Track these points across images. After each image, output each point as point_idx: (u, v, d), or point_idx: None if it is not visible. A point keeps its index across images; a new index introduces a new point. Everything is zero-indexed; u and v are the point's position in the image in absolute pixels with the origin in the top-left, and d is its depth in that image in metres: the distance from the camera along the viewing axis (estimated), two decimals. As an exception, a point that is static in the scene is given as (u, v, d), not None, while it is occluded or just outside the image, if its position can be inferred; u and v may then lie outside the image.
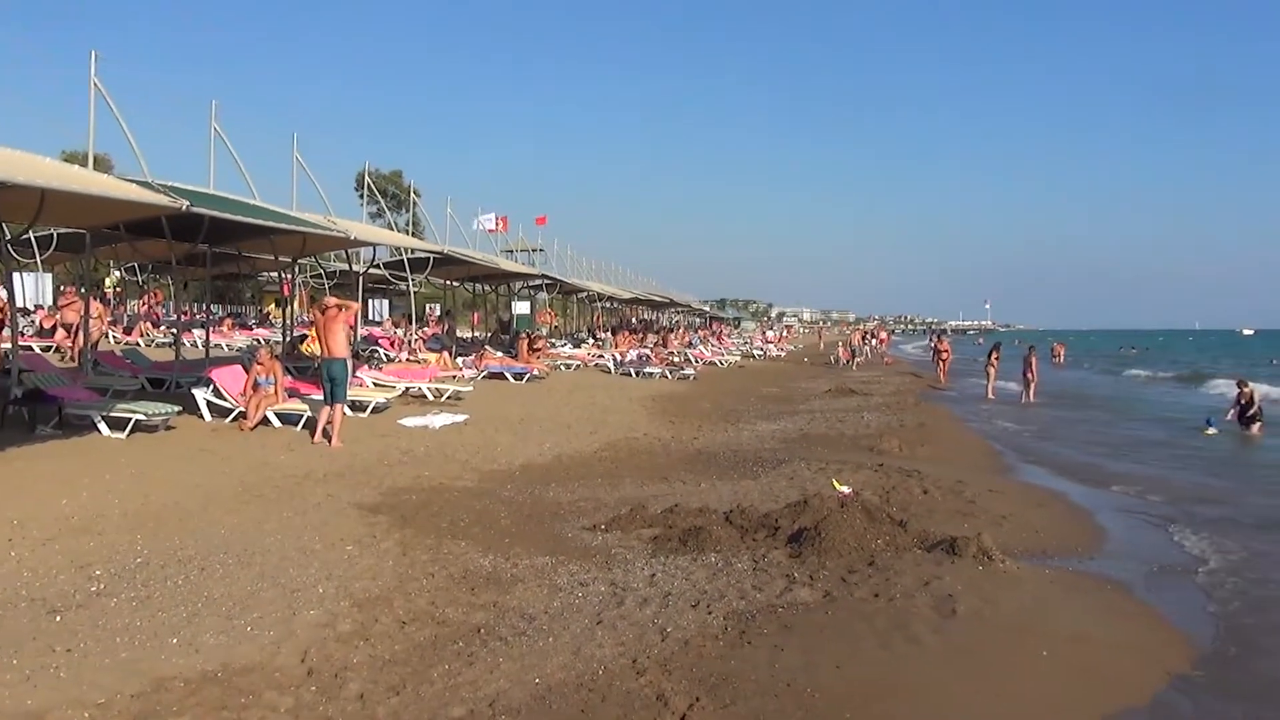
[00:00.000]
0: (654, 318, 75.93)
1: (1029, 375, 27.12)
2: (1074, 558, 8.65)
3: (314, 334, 16.30)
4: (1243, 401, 20.15)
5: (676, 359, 36.92)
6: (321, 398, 13.31)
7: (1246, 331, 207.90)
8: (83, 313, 17.71)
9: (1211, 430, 19.59)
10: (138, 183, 11.78)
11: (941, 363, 34.86)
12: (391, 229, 49.44)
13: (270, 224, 15.01)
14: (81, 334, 17.93)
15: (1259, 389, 21.54)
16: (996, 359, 29.30)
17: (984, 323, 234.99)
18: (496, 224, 39.56)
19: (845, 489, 10.03)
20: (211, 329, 22.64)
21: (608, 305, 54.62)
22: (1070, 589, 7.54)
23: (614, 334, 43.26)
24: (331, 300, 14.10)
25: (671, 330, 54.32)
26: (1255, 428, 19.67)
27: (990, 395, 28.05)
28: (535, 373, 24.99)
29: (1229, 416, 20.23)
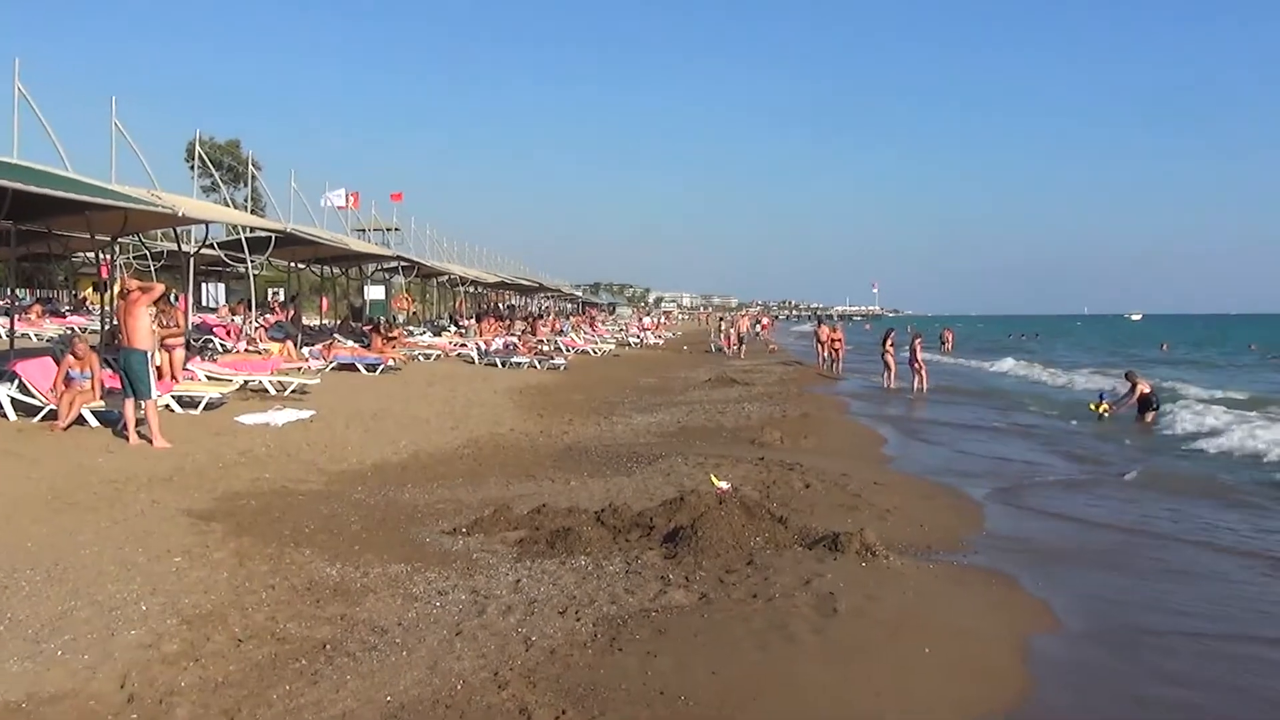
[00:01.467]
0: (522, 303, 75.70)
1: (915, 364, 27.98)
2: (960, 551, 8.95)
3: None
4: (1138, 395, 21.28)
5: (546, 348, 36.85)
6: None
7: (1134, 316, 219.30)
8: None
9: (1105, 405, 21.00)
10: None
11: (834, 354, 34.91)
12: (228, 205, 47.95)
13: (85, 198, 14.40)
14: None
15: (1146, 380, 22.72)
16: (892, 345, 30.00)
17: (872, 308, 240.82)
18: (347, 200, 38.78)
19: (723, 484, 10.17)
20: (17, 317, 21.60)
21: (471, 290, 54.13)
22: (955, 583, 7.81)
23: (478, 321, 42.94)
24: (133, 283, 13.60)
25: (541, 317, 54.24)
26: (1149, 416, 20.87)
27: (889, 385, 28.89)
28: (390, 364, 24.72)
29: (1121, 409, 21.36)
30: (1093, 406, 21.64)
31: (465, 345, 33.37)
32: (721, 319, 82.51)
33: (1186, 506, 11.50)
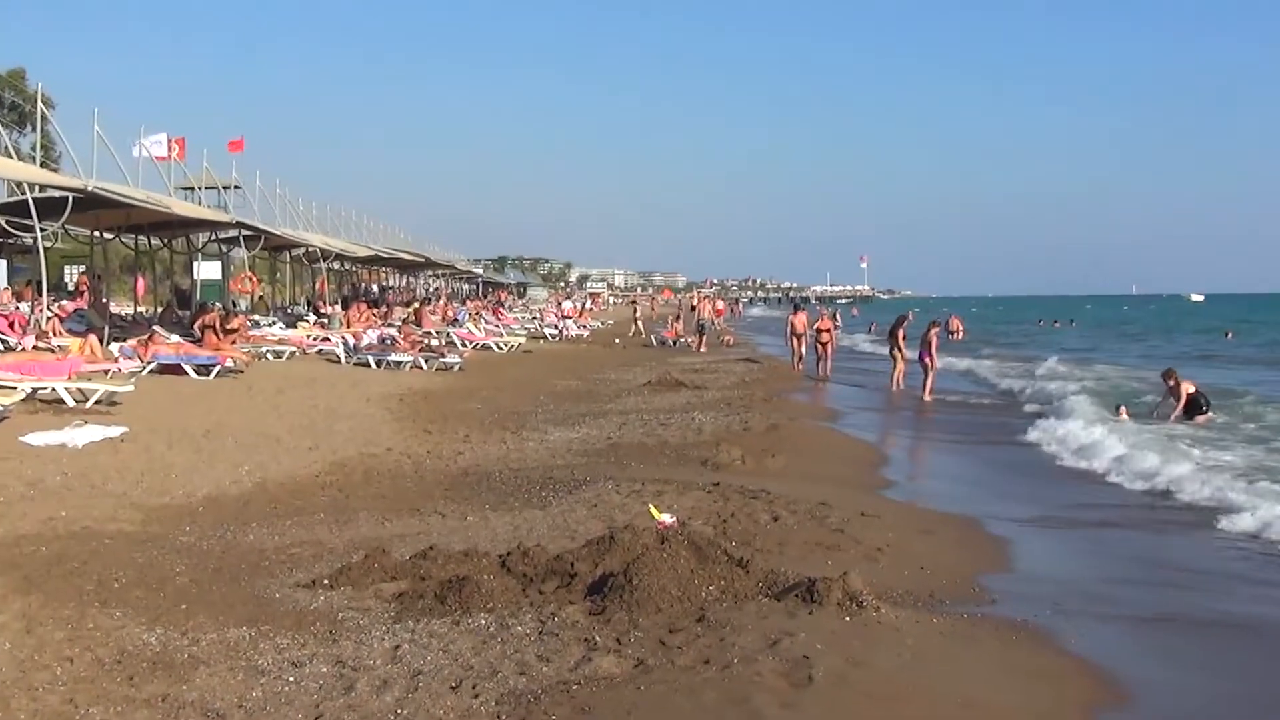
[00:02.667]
0: (403, 284, 75.28)
1: (928, 360, 28.35)
2: (972, 600, 9.07)
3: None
4: (1185, 399, 21.77)
5: (435, 342, 36.69)
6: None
7: (1195, 297, 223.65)
8: None
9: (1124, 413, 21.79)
10: None
11: (822, 350, 33.91)
12: (10, 156, 47.06)
13: None
14: None
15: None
16: (904, 338, 30.28)
17: (860, 288, 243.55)
18: (169, 149, 38.20)
19: (666, 518, 10.18)
20: None
21: (336, 267, 53.68)
22: (965, 641, 7.90)
23: (345, 308, 42.62)
24: None
25: (428, 301, 53.99)
26: (1200, 419, 21.42)
27: (896, 387, 29.24)
28: (229, 364, 24.48)
29: (1170, 418, 21.84)
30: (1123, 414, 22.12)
31: (328, 339, 33.14)
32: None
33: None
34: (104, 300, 32.91)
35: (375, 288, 65.22)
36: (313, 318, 40.64)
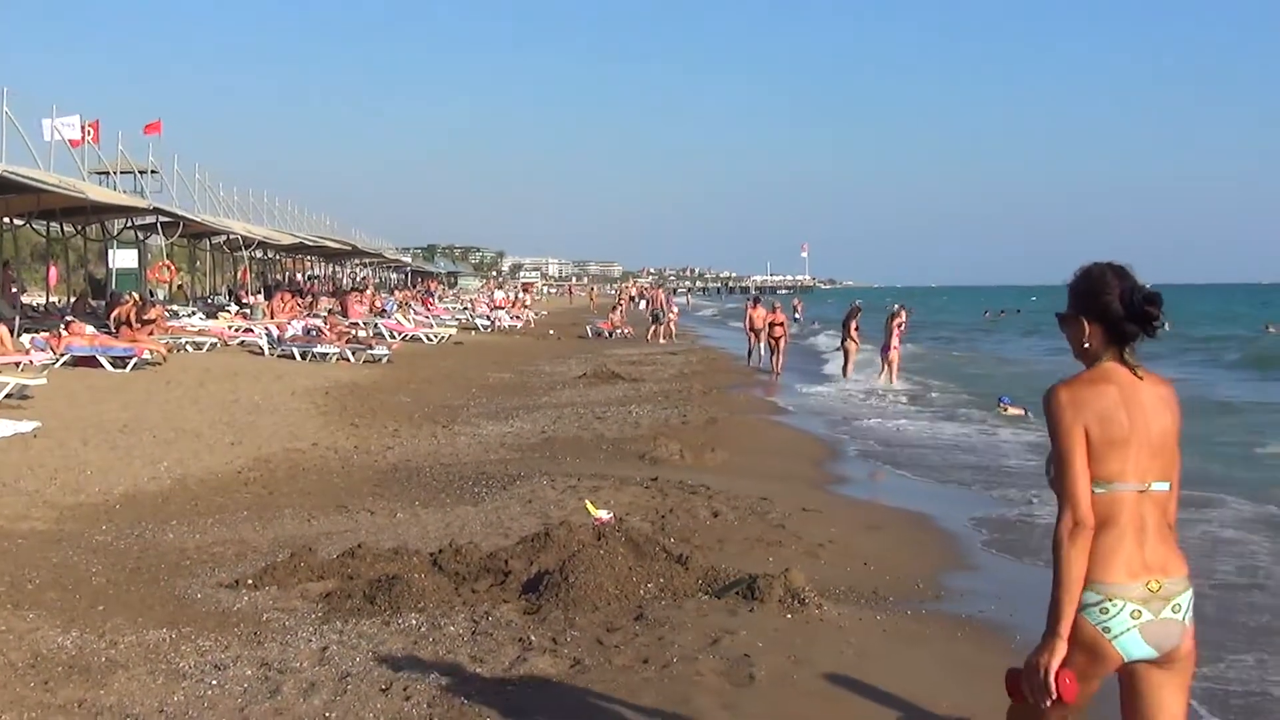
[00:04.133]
0: (329, 273, 74.84)
1: (890, 350, 28.69)
2: (918, 597, 9.17)
3: None
4: None
5: (362, 333, 36.49)
6: None
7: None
8: None
9: (1011, 409, 22.24)
10: None
11: (774, 344, 33.20)
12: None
13: None
14: None
15: None
16: (857, 329, 30.64)
17: (801, 277, 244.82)
18: (83, 132, 37.66)
19: (604, 514, 10.21)
20: None
21: (259, 255, 53.25)
22: (909, 639, 7.99)
23: (268, 298, 42.31)
24: None
25: (355, 291, 53.64)
26: None
27: (846, 376, 29.47)
28: (146, 356, 24.31)
29: None
30: (1000, 409, 22.77)
31: (251, 330, 32.88)
32: (656, 289, 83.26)
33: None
34: (14, 290, 32.41)
35: (301, 277, 64.77)
36: (234, 308, 40.32)
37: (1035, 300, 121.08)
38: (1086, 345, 4.17)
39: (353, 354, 30.96)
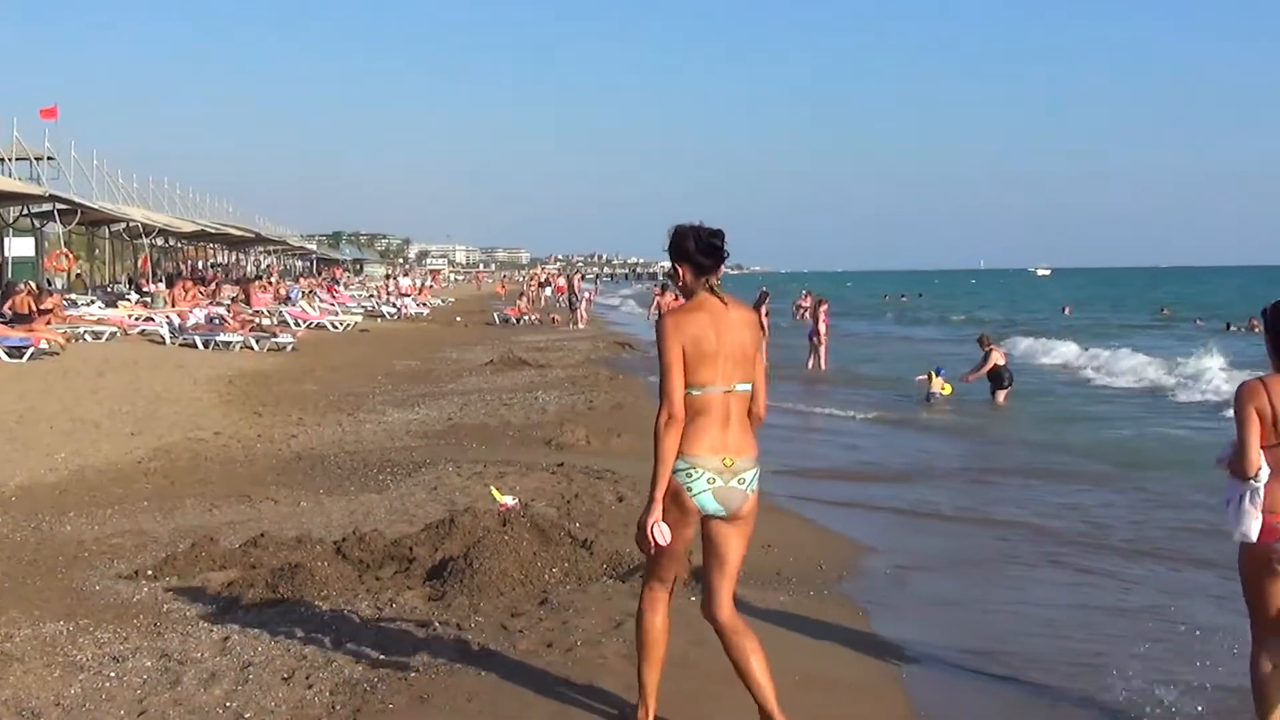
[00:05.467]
0: (233, 261, 74.01)
1: (817, 337, 29.06)
2: (818, 578, 9.27)
3: None
4: (990, 367, 22.58)
5: (267, 321, 36.19)
6: None
7: (1041, 271, 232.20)
8: None
9: (939, 384, 22.50)
10: None
11: None
12: None
13: None
14: None
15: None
16: (768, 315, 30.91)
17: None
18: (-26, 117, 37.09)
19: (509, 500, 10.21)
20: None
21: (160, 243, 52.56)
22: (807, 620, 8.07)
23: (170, 286, 41.87)
24: None
25: (259, 279, 53.14)
26: (1001, 396, 22.44)
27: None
28: (43, 346, 24.12)
29: (970, 379, 23.00)
30: (930, 381, 22.96)
31: (152, 319, 32.52)
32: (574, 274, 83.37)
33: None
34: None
35: (203, 265, 63.99)
36: (135, 296, 39.80)
37: (938, 283, 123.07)
38: (682, 284, 5.57)
39: (257, 342, 30.79)
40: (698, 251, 5.48)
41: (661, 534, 5.30)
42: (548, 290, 77.13)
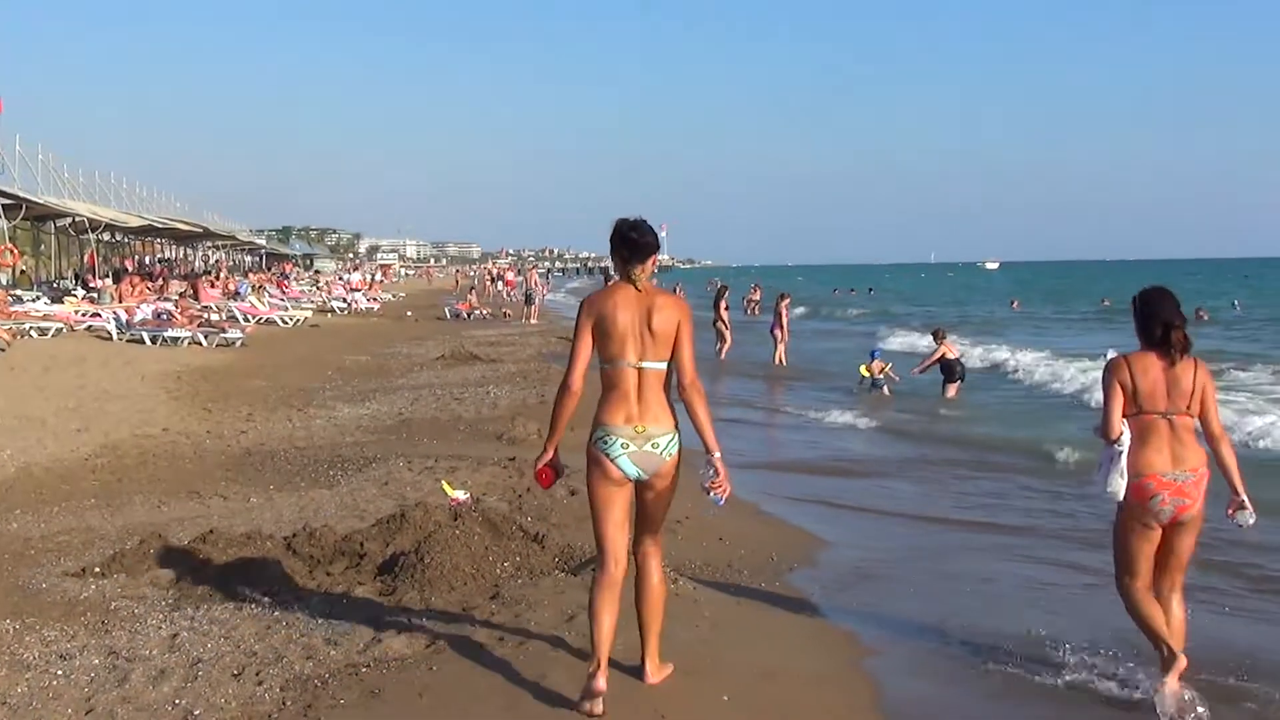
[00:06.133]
0: (180, 256, 73.43)
1: (779, 331, 29.32)
2: (770, 571, 9.31)
3: None
4: (938, 357, 22.80)
5: (215, 316, 35.94)
6: None
7: (990, 265, 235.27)
8: None
9: (879, 366, 23.04)
10: None
11: None
12: None
13: None
14: None
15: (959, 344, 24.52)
16: (726, 309, 31.35)
17: (661, 257, 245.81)
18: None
19: (460, 494, 10.23)
20: None
21: (106, 238, 52.09)
22: (762, 613, 8.13)
23: (116, 281, 41.50)
24: None
25: (207, 274, 52.78)
26: (952, 389, 22.61)
27: (723, 356, 29.94)
28: (-12, 342, 23.67)
29: (919, 372, 23.38)
30: (864, 370, 23.41)
31: (99, 315, 32.25)
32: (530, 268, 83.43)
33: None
34: None
35: (150, 260, 63.43)
36: (81, 292, 39.42)
37: (889, 277, 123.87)
38: (615, 274, 6.19)
39: (205, 338, 30.59)
40: (620, 244, 6.06)
41: (544, 476, 6.39)
42: (498, 285, 77.05)
